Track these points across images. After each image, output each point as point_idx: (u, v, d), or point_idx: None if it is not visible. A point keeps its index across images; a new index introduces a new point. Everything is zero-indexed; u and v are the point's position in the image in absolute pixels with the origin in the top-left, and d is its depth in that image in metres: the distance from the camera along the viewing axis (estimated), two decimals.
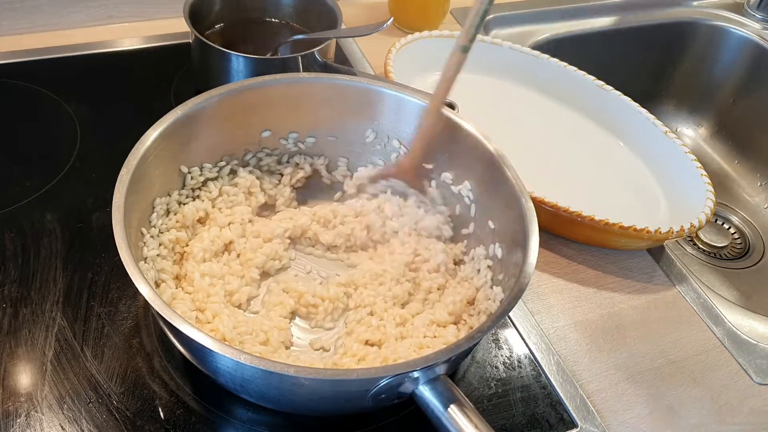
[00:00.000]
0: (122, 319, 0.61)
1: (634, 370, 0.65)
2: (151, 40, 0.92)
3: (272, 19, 0.88)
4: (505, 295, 0.54)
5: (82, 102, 0.81)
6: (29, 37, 0.89)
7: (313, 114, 0.68)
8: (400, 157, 0.68)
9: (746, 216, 1.00)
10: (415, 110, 0.66)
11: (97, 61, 0.88)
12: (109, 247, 0.49)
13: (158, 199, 0.60)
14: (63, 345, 0.59)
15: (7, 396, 0.55)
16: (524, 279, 0.52)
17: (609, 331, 0.68)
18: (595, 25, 1.09)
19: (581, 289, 0.72)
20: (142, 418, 0.55)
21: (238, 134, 0.66)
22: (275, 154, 0.69)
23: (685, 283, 0.74)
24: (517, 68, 0.91)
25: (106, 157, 0.58)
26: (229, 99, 0.63)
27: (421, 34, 0.89)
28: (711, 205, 0.74)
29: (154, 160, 0.57)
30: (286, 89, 0.66)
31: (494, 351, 0.64)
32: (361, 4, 1.05)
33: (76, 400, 0.55)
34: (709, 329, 0.70)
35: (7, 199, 0.70)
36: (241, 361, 0.45)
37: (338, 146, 0.70)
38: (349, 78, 0.68)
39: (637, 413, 0.62)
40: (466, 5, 1.07)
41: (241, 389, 0.52)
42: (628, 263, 0.75)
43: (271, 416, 0.57)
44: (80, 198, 0.70)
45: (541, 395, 0.61)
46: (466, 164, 0.65)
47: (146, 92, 0.84)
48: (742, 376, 0.66)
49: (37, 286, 0.62)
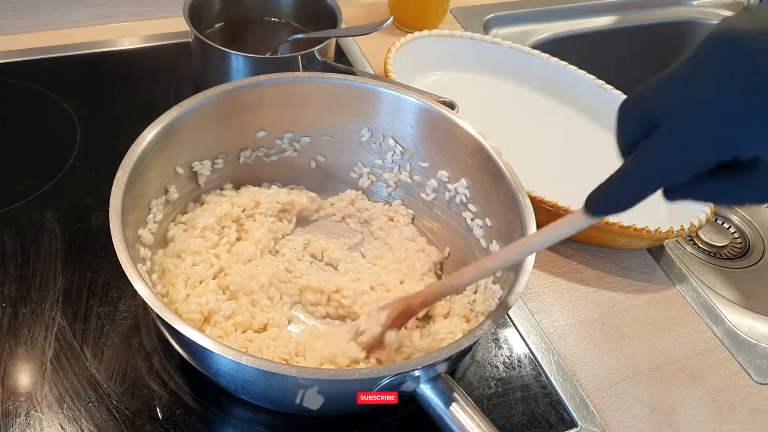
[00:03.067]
0: (122, 319, 0.61)
1: (634, 370, 0.65)
2: (150, 40, 0.92)
3: (272, 19, 0.88)
4: (504, 294, 0.54)
5: (81, 101, 0.81)
6: (29, 37, 0.89)
7: (308, 113, 0.68)
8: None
9: (746, 215, 1.00)
10: (411, 108, 0.66)
11: (96, 61, 0.88)
12: (108, 247, 0.48)
13: (154, 200, 0.60)
14: (63, 344, 0.59)
15: (7, 395, 0.55)
16: (523, 277, 0.52)
17: (609, 330, 0.68)
18: (594, 25, 1.09)
19: (581, 288, 0.71)
20: (142, 418, 0.55)
21: (232, 135, 0.66)
22: (271, 154, 0.69)
23: (685, 282, 0.74)
24: (516, 67, 0.91)
25: (106, 156, 0.58)
26: (224, 99, 0.63)
27: (421, 34, 0.89)
28: (711, 205, 0.74)
29: (150, 161, 0.57)
30: (281, 89, 0.66)
31: (494, 350, 0.64)
32: (361, 4, 1.05)
33: (76, 399, 0.55)
34: (709, 329, 0.70)
35: (7, 198, 0.70)
36: (242, 363, 0.45)
37: (333, 145, 0.70)
38: (344, 77, 0.68)
39: (637, 413, 0.62)
40: (466, 5, 1.07)
41: (242, 390, 0.51)
42: (627, 263, 0.75)
43: (271, 416, 0.56)
44: (80, 197, 0.70)
45: (541, 395, 0.61)
46: (461, 162, 0.65)
47: (146, 91, 0.84)
48: (742, 375, 0.66)
49: (36, 286, 0.62)
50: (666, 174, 0.38)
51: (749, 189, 0.37)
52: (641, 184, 0.39)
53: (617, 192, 0.40)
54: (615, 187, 0.40)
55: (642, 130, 0.38)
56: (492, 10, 1.06)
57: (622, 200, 0.40)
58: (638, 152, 0.38)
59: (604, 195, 0.41)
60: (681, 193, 0.39)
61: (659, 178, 0.38)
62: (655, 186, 0.39)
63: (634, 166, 0.39)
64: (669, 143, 0.36)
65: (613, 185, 0.40)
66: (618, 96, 0.87)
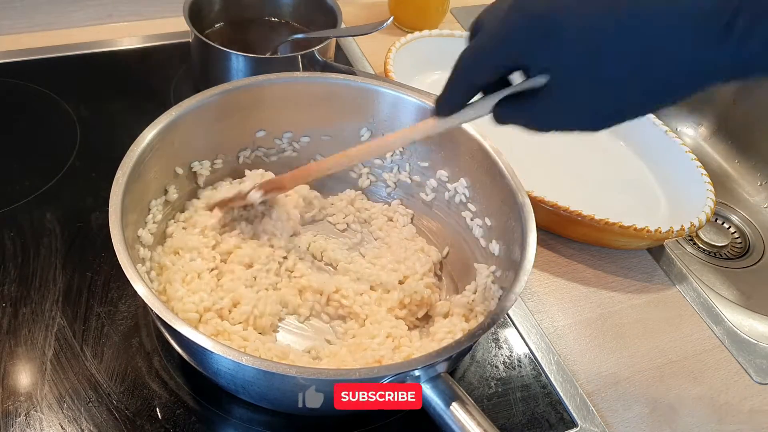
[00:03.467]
0: (122, 319, 0.61)
1: (634, 370, 0.65)
2: (150, 40, 0.92)
3: (272, 19, 0.88)
4: (504, 293, 0.54)
5: (81, 101, 0.81)
6: (29, 37, 0.89)
7: (307, 113, 0.68)
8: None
9: (746, 215, 1.00)
10: (411, 108, 0.66)
11: (96, 61, 0.88)
12: (108, 247, 0.48)
13: (154, 200, 0.60)
14: (63, 344, 0.59)
15: (7, 395, 0.55)
16: (523, 277, 0.52)
17: (609, 330, 0.68)
18: None
19: (581, 288, 0.71)
20: (142, 418, 0.55)
21: (232, 135, 0.66)
22: (270, 154, 0.69)
23: (685, 282, 0.74)
24: None
25: (106, 156, 0.58)
26: (223, 99, 0.63)
27: (421, 34, 0.89)
28: (711, 205, 0.74)
29: (149, 162, 0.57)
30: (280, 89, 0.66)
31: (494, 350, 0.64)
32: (361, 4, 1.05)
33: (76, 399, 0.55)
34: (709, 329, 0.70)
35: (7, 198, 0.70)
36: (242, 363, 0.45)
37: (333, 145, 0.70)
38: (342, 77, 0.68)
39: (637, 413, 0.62)
40: (466, 5, 1.07)
41: (242, 390, 0.51)
42: (627, 262, 0.75)
43: (271, 416, 0.56)
44: (80, 197, 0.70)
45: (541, 394, 0.61)
46: (461, 162, 0.65)
47: (146, 91, 0.84)
48: (742, 375, 0.66)
49: (36, 286, 0.62)
50: (466, 76, 0.46)
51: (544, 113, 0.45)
52: (455, 85, 0.47)
53: (445, 95, 0.48)
54: (443, 91, 0.48)
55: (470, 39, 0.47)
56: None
57: (449, 101, 0.48)
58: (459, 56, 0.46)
59: (442, 97, 0.49)
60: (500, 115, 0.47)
61: (464, 80, 0.46)
62: (464, 87, 0.47)
63: (453, 69, 0.47)
64: (469, 47, 0.45)
65: (446, 87, 0.48)
66: None
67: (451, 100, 0.48)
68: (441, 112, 0.50)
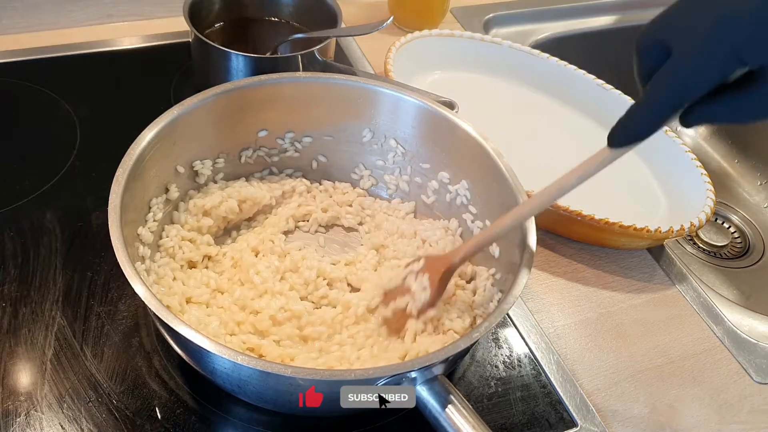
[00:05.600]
0: (122, 318, 0.61)
1: (634, 370, 0.65)
2: (150, 39, 0.92)
3: (272, 18, 0.88)
4: (503, 294, 0.54)
5: (81, 101, 0.81)
6: (28, 36, 0.89)
7: (309, 113, 0.68)
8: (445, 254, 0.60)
9: (746, 215, 1.00)
10: (411, 109, 0.66)
11: (96, 61, 0.88)
12: (108, 246, 0.48)
13: (154, 198, 0.60)
14: (63, 344, 0.59)
15: (7, 395, 0.55)
16: (522, 279, 0.52)
17: (609, 330, 0.68)
18: (595, 24, 1.09)
19: (581, 288, 0.71)
20: (142, 417, 0.55)
21: (234, 134, 0.66)
22: (272, 154, 0.69)
23: (685, 282, 0.74)
24: (517, 67, 0.91)
25: (106, 156, 0.58)
26: (224, 99, 0.63)
27: (421, 33, 0.89)
28: (711, 204, 0.74)
29: (150, 161, 0.57)
30: (282, 89, 0.66)
31: (494, 350, 0.64)
32: (361, 3, 1.05)
33: (76, 399, 0.55)
34: (708, 328, 0.70)
35: (7, 198, 0.70)
36: (238, 362, 0.45)
37: (335, 146, 0.70)
38: (345, 77, 0.68)
39: (637, 412, 0.62)
40: (466, 5, 1.07)
41: (239, 390, 0.51)
42: (627, 262, 0.75)
43: (271, 415, 0.56)
44: (80, 197, 0.70)
45: (541, 394, 0.61)
46: (462, 163, 0.65)
47: (146, 91, 0.84)
48: (742, 375, 0.66)
49: (36, 286, 0.62)
50: (679, 96, 0.40)
51: (759, 101, 0.39)
52: (657, 110, 0.41)
53: (636, 121, 0.43)
54: (634, 117, 0.43)
55: (656, 58, 0.41)
56: (492, 10, 1.06)
57: (642, 128, 0.43)
58: (653, 80, 0.41)
59: (624, 127, 0.43)
60: (697, 117, 0.41)
61: (673, 101, 0.41)
62: (670, 109, 0.41)
63: (651, 93, 0.41)
64: (680, 64, 0.39)
65: (631, 116, 0.43)
66: (618, 96, 0.87)
67: (639, 131, 0.43)
68: (621, 142, 0.45)
